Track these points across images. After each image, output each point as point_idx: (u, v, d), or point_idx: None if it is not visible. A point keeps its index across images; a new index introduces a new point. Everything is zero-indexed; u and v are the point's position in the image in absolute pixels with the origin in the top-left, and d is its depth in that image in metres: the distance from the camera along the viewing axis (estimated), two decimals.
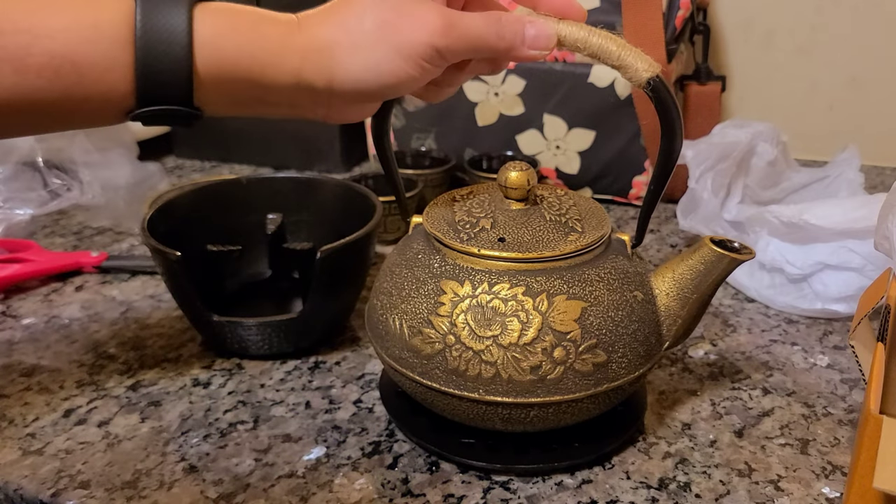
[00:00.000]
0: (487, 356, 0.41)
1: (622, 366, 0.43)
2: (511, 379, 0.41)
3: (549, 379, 0.41)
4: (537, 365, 0.41)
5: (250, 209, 0.64)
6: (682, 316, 0.46)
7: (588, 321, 0.42)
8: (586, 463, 0.45)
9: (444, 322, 0.42)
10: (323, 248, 0.52)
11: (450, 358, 0.42)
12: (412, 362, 0.43)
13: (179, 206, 0.60)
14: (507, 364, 0.41)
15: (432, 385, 0.43)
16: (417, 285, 0.44)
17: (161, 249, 0.52)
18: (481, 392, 0.42)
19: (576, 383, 0.42)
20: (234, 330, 0.54)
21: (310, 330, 0.56)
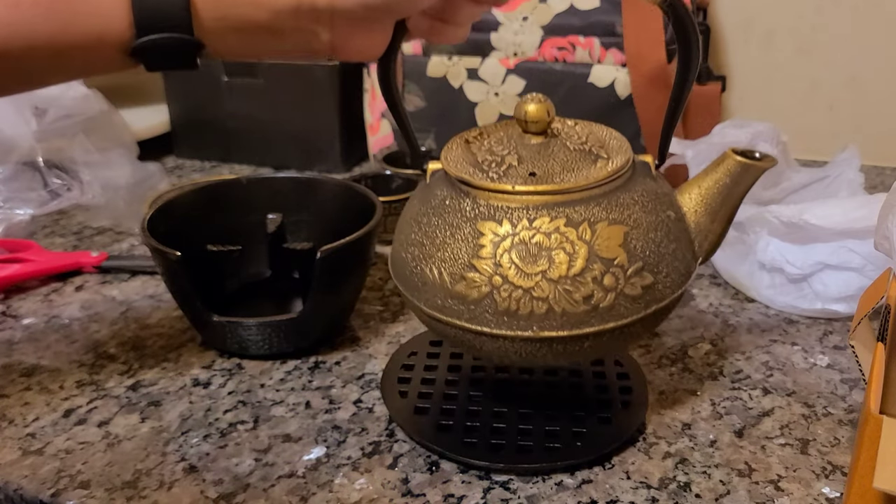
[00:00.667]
0: (538, 292, 0.41)
1: (667, 285, 0.43)
2: (565, 312, 0.41)
3: (602, 307, 0.41)
4: (589, 295, 0.41)
5: (250, 209, 0.64)
6: (713, 230, 0.47)
7: (631, 245, 0.42)
8: (586, 463, 0.45)
9: (487, 264, 0.41)
10: (323, 248, 0.52)
11: (499, 299, 0.41)
12: (458, 310, 0.42)
13: (179, 206, 0.60)
14: (559, 298, 0.41)
15: (482, 330, 0.42)
16: (452, 231, 0.43)
17: (161, 249, 0.52)
18: (535, 329, 0.41)
19: (627, 308, 0.42)
20: (234, 330, 0.54)
21: (310, 330, 0.56)
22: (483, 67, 0.81)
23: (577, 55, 0.78)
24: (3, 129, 0.77)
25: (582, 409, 0.49)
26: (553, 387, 0.51)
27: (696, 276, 0.46)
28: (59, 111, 0.80)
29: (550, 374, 0.52)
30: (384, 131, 0.89)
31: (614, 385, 0.51)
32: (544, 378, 0.52)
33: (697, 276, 0.67)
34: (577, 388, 0.51)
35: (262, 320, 0.54)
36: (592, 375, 0.52)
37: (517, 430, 0.47)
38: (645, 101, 0.77)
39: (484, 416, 0.48)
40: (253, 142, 0.95)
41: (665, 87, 0.76)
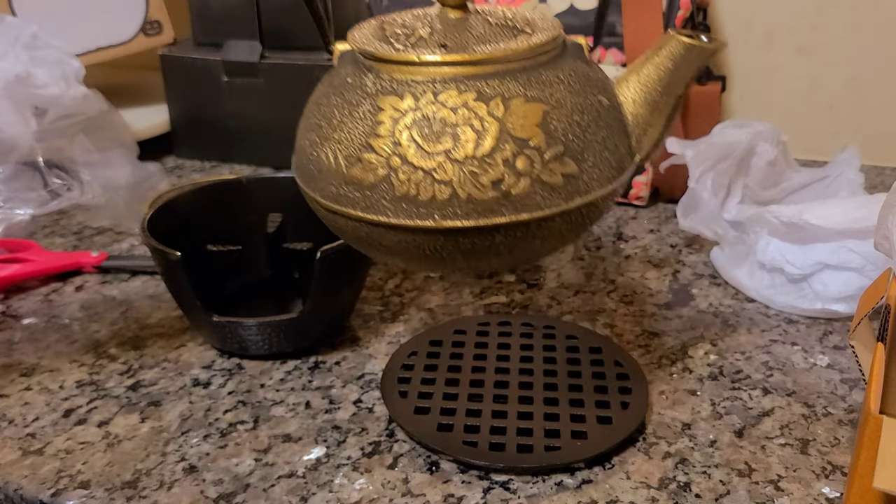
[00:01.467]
0: (441, 174, 0.36)
1: (594, 177, 0.38)
2: (471, 198, 0.36)
3: (514, 194, 0.37)
4: (499, 178, 0.36)
5: (250, 209, 0.64)
6: (653, 123, 0.42)
7: (551, 126, 0.37)
8: (586, 463, 0.45)
9: (385, 143, 0.37)
10: (323, 249, 0.52)
11: (397, 183, 0.37)
12: (353, 197, 0.38)
13: (179, 206, 0.60)
14: (464, 181, 0.36)
15: (379, 220, 0.37)
16: (350, 109, 0.39)
17: (161, 249, 0.52)
18: (437, 217, 0.37)
19: (545, 198, 0.37)
20: (234, 330, 0.54)
21: (309, 330, 0.56)
22: None
23: None
24: (3, 129, 0.77)
25: (582, 408, 0.49)
26: (553, 388, 0.51)
27: (632, 176, 0.42)
28: (59, 111, 0.80)
29: (550, 374, 0.52)
30: None
31: (614, 385, 0.51)
32: (544, 379, 0.52)
33: (697, 276, 0.67)
34: (576, 389, 0.51)
35: (262, 320, 0.54)
36: (592, 376, 0.52)
37: (517, 430, 0.47)
38: None
39: (484, 416, 0.48)
40: (253, 142, 0.95)
41: None
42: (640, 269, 0.69)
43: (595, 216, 0.40)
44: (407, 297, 0.64)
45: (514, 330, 0.57)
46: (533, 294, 0.65)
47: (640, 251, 0.72)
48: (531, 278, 0.67)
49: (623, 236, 0.76)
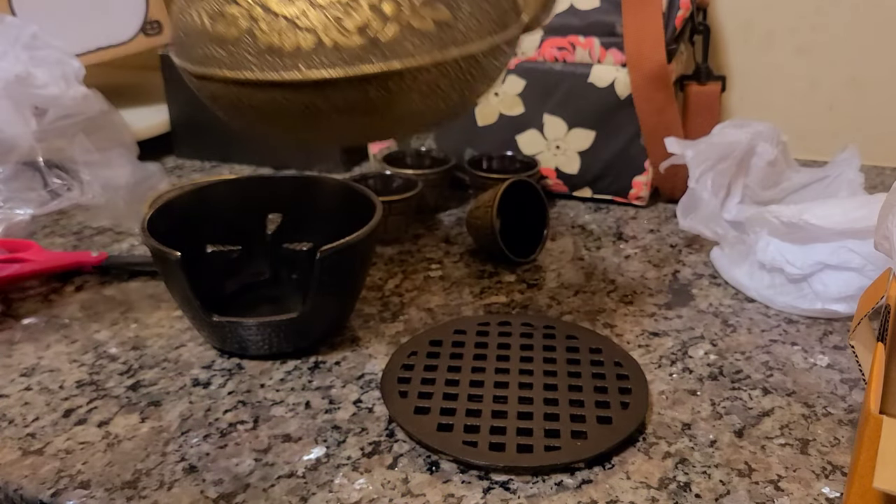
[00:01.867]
0: (304, 21, 0.35)
1: (471, 27, 0.37)
2: (337, 45, 0.35)
3: (382, 40, 0.35)
4: (365, 23, 0.35)
5: (250, 209, 0.64)
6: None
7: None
8: (586, 463, 0.45)
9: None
10: (322, 249, 0.52)
11: (259, 34, 0.36)
12: (218, 56, 0.37)
13: (179, 206, 0.60)
14: (328, 27, 0.35)
15: (245, 76, 0.36)
16: None
17: (161, 250, 0.52)
18: (303, 68, 0.35)
19: (416, 45, 0.35)
20: (234, 330, 0.54)
21: (310, 330, 0.56)
22: None
23: (577, 55, 0.78)
24: (3, 129, 0.77)
25: (582, 408, 0.49)
26: (552, 388, 0.51)
27: (519, 36, 0.40)
28: (59, 111, 0.80)
29: (550, 374, 0.52)
30: None
31: (614, 385, 0.51)
32: (544, 379, 0.52)
33: (697, 276, 0.67)
34: (576, 389, 0.51)
35: (262, 320, 0.53)
36: (592, 376, 0.52)
37: (517, 430, 0.47)
38: (645, 101, 0.77)
39: (484, 416, 0.48)
40: (253, 142, 0.95)
41: (665, 87, 0.76)
42: (640, 269, 0.69)
43: (479, 73, 0.38)
44: (407, 297, 0.64)
45: (514, 330, 0.57)
46: (533, 294, 0.65)
47: (640, 251, 0.73)
48: (531, 278, 0.67)
49: (623, 236, 0.76)
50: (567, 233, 0.77)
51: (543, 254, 0.72)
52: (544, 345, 0.56)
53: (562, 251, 0.73)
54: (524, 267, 0.70)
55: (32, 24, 0.80)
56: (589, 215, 0.81)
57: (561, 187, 0.84)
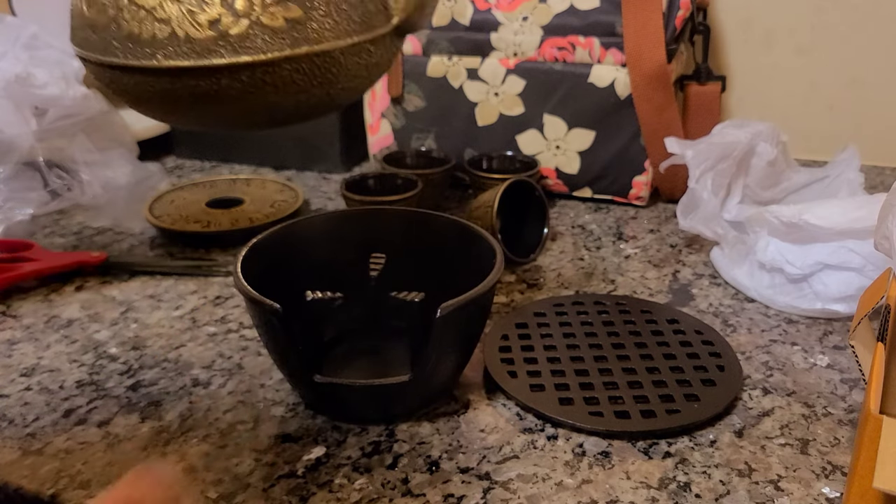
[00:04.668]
0: (160, 13, 0.37)
1: (327, 27, 0.38)
2: (189, 37, 0.37)
3: (232, 34, 0.37)
4: (216, 18, 0.37)
5: (349, 248, 0.58)
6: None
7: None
8: (586, 463, 0.45)
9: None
10: (444, 305, 0.44)
11: (123, 23, 0.38)
12: (92, 41, 0.39)
13: (273, 245, 0.54)
14: (182, 19, 0.37)
15: (113, 62, 0.38)
16: None
17: (259, 300, 0.45)
18: (160, 58, 0.37)
19: (266, 41, 0.37)
20: (338, 392, 0.48)
21: (422, 392, 0.49)
22: (483, 67, 0.81)
23: (577, 55, 0.78)
24: (3, 129, 0.77)
25: (683, 374, 0.51)
26: (648, 357, 0.54)
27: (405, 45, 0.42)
28: (59, 111, 0.80)
29: (641, 346, 0.54)
30: (384, 131, 0.89)
31: (703, 352, 0.55)
32: (638, 350, 0.56)
33: (697, 275, 0.67)
34: (671, 357, 0.52)
35: (372, 383, 0.47)
36: (679, 345, 0.56)
37: (634, 398, 0.50)
38: (645, 101, 0.77)
39: (598, 388, 0.51)
40: (253, 142, 0.95)
41: (665, 87, 0.76)
42: (640, 269, 0.69)
43: (337, 72, 0.40)
44: None
45: (588, 308, 0.58)
46: (533, 294, 0.65)
47: (640, 251, 0.72)
48: (531, 278, 0.67)
49: (623, 236, 0.76)
50: (567, 233, 0.77)
51: (543, 254, 0.72)
52: (623, 319, 0.59)
53: (562, 251, 0.73)
54: (524, 267, 0.70)
55: (32, 24, 0.81)
56: (589, 215, 0.81)
57: (561, 187, 0.84)
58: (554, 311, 0.60)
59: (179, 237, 0.75)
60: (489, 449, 0.47)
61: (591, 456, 0.46)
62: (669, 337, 0.56)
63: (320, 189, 0.88)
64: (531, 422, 0.49)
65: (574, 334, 0.57)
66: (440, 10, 0.81)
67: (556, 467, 0.45)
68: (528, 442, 0.47)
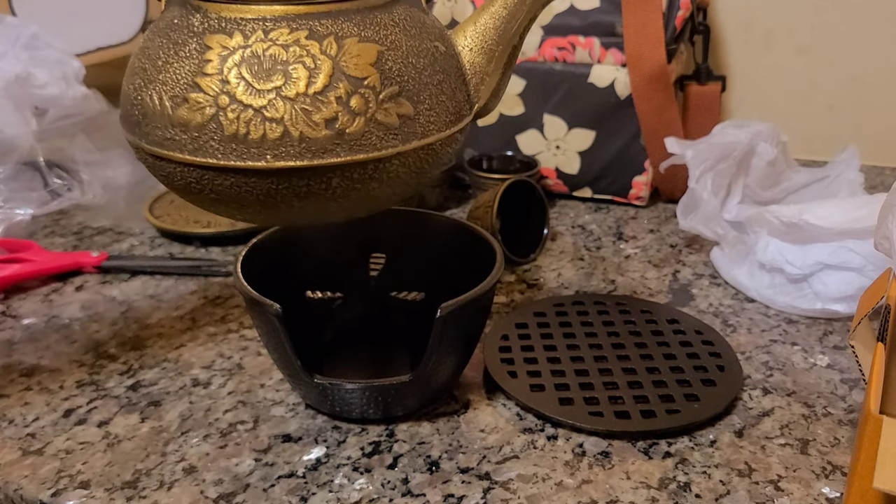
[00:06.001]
0: (272, 112, 0.36)
1: (430, 120, 0.39)
2: (304, 136, 0.36)
3: (348, 133, 0.36)
4: (333, 116, 0.36)
5: (349, 247, 0.58)
6: (489, 72, 0.43)
7: (386, 66, 0.38)
8: (586, 463, 0.45)
9: (213, 81, 0.36)
10: (444, 305, 0.45)
11: (225, 122, 0.36)
12: (180, 140, 0.37)
13: (273, 244, 0.54)
14: (296, 118, 0.36)
15: (208, 162, 0.36)
16: (176, 49, 0.38)
17: (258, 300, 0.45)
18: (269, 158, 0.36)
19: (381, 138, 0.37)
20: (337, 392, 0.48)
21: (422, 392, 0.49)
22: None
23: (577, 55, 0.78)
24: (3, 129, 0.77)
25: (683, 373, 0.51)
26: (648, 357, 0.54)
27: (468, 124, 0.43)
28: (59, 111, 0.80)
29: (641, 346, 0.54)
30: None
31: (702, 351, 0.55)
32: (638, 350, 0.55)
33: (697, 275, 0.67)
34: (671, 357, 0.51)
35: (371, 383, 0.47)
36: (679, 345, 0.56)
37: (634, 398, 0.50)
38: (645, 101, 0.77)
39: (598, 388, 0.51)
40: None
41: (665, 87, 0.76)
42: (640, 269, 0.69)
43: (433, 161, 0.40)
44: None
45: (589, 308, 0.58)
46: (533, 294, 0.65)
47: (640, 251, 0.73)
48: (531, 278, 0.67)
49: (623, 236, 0.76)
50: (567, 233, 0.77)
51: (543, 254, 0.72)
52: (624, 319, 0.59)
53: (562, 251, 0.73)
54: (524, 267, 0.70)
55: (32, 24, 0.80)
56: (589, 215, 0.81)
57: (561, 187, 0.84)
58: (554, 311, 0.60)
59: (179, 237, 0.75)
60: (489, 449, 0.47)
61: (591, 456, 0.46)
62: (669, 337, 0.56)
63: None
64: (531, 422, 0.49)
65: (574, 334, 0.57)
66: (440, 10, 0.81)
67: (556, 467, 0.45)
68: (528, 442, 0.47)
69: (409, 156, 0.38)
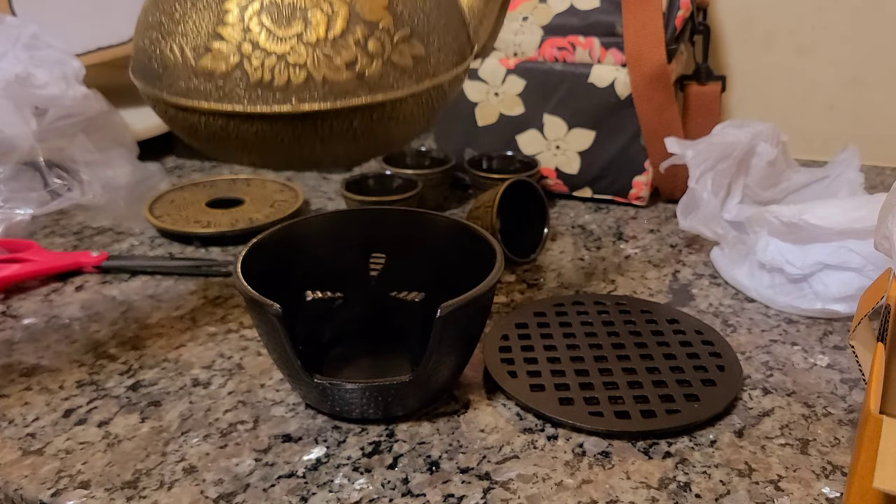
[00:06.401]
0: (294, 58, 0.37)
1: (440, 60, 0.41)
2: (326, 80, 0.37)
3: (368, 75, 0.38)
4: (352, 60, 0.38)
5: (349, 247, 0.58)
6: (487, 13, 0.45)
7: (398, 10, 0.39)
8: (586, 463, 0.45)
9: (234, 31, 0.37)
10: (444, 305, 0.45)
11: (250, 69, 0.37)
12: (205, 89, 0.38)
13: (272, 244, 0.54)
14: (318, 63, 0.37)
15: (235, 109, 0.38)
16: (192, 1, 0.38)
17: (258, 300, 0.45)
18: (294, 102, 0.37)
19: (397, 79, 0.39)
20: (337, 393, 0.48)
21: (422, 392, 0.49)
22: (483, 67, 0.81)
23: (577, 55, 0.78)
24: (3, 129, 0.77)
25: (683, 373, 0.51)
26: (649, 357, 0.54)
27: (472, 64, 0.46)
28: (59, 111, 0.80)
29: (641, 346, 0.53)
30: None
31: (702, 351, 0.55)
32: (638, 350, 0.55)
33: (697, 275, 0.67)
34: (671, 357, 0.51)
35: (372, 383, 0.47)
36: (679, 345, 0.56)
37: (634, 398, 0.50)
38: (645, 101, 0.77)
39: (598, 388, 0.51)
40: None
41: (665, 87, 0.76)
42: (640, 269, 0.69)
43: (442, 100, 0.42)
44: None
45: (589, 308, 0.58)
46: (533, 294, 0.65)
47: (640, 251, 0.73)
48: (531, 278, 0.67)
49: (623, 236, 0.76)
50: (567, 233, 0.77)
51: (543, 254, 0.72)
52: (624, 319, 0.59)
53: (562, 251, 0.73)
54: (524, 267, 0.70)
55: (32, 24, 0.80)
56: (589, 215, 0.81)
57: (561, 187, 0.84)
58: (554, 311, 0.60)
59: (179, 237, 0.75)
60: (489, 449, 0.47)
61: (591, 456, 0.46)
62: (669, 337, 0.56)
63: (320, 189, 0.88)
64: (531, 422, 0.49)
65: (574, 334, 0.57)
66: None
67: (556, 467, 0.45)
68: (528, 442, 0.47)
69: (423, 95, 0.40)
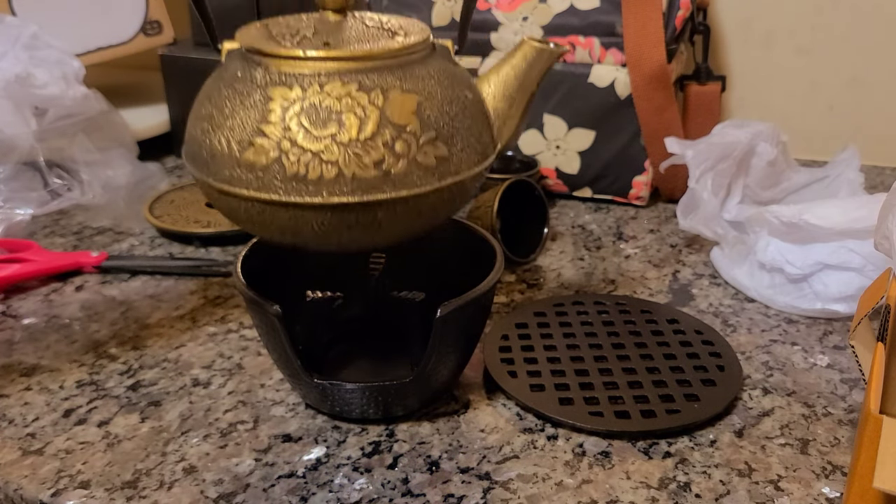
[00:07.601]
0: (328, 156, 0.41)
1: (462, 160, 0.44)
2: (355, 176, 0.41)
3: (394, 173, 0.41)
4: (380, 159, 0.41)
5: None
6: (511, 115, 0.49)
7: (425, 114, 0.43)
8: (586, 463, 0.45)
9: (276, 129, 0.41)
10: (444, 305, 0.45)
11: (287, 164, 0.41)
12: (246, 178, 0.42)
13: (271, 245, 0.52)
14: (349, 161, 0.41)
15: (272, 198, 0.42)
16: (241, 99, 0.43)
17: (258, 300, 0.46)
18: (325, 194, 0.41)
19: (420, 177, 0.42)
20: (338, 393, 0.48)
21: (422, 392, 0.49)
22: (483, 67, 0.81)
23: (577, 55, 0.78)
24: (3, 129, 0.77)
25: (683, 373, 0.51)
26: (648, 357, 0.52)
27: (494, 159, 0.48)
28: (59, 111, 0.80)
29: (641, 346, 0.53)
30: None
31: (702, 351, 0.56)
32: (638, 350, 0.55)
33: (697, 275, 0.67)
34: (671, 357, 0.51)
35: (372, 384, 0.47)
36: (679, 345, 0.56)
37: (634, 398, 0.50)
38: (645, 101, 0.77)
39: (598, 388, 0.51)
40: None
41: (665, 87, 0.76)
42: (640, 269, 0.69)
43: (464, 195, 0.46)
44: None
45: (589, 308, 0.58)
46: (533, 294, 0.65)
47: (640, 251, 0.73)
48: (531, 278, 0.67)
49: (623, 236, 0.76)
50: (567, 233, 0.77)
51: (543, 254, 0.72)
52: (624, 319, 0.59)
53: (562, 251, 0.73)
54: (524, 267, 0.70)
55: (32, 24, 0.80)
56: (589, 215, 0.81)
57: (561, 187, 0.84)
58: (554, 311, 0.60)
59: (179, 237, 0.75)
60: (489, 449, 0.47)
61: (591, 456, 0.46)
62: (669, 337, 0.56)
63: None
64: (531, 422, 0.49)
65: (574, 334, 0.57)
66: (440, 9, 0.81)
67: (556, 467, 0.45)
68: (528, 442, 0.47)
69: (444, 191, 0.43)
